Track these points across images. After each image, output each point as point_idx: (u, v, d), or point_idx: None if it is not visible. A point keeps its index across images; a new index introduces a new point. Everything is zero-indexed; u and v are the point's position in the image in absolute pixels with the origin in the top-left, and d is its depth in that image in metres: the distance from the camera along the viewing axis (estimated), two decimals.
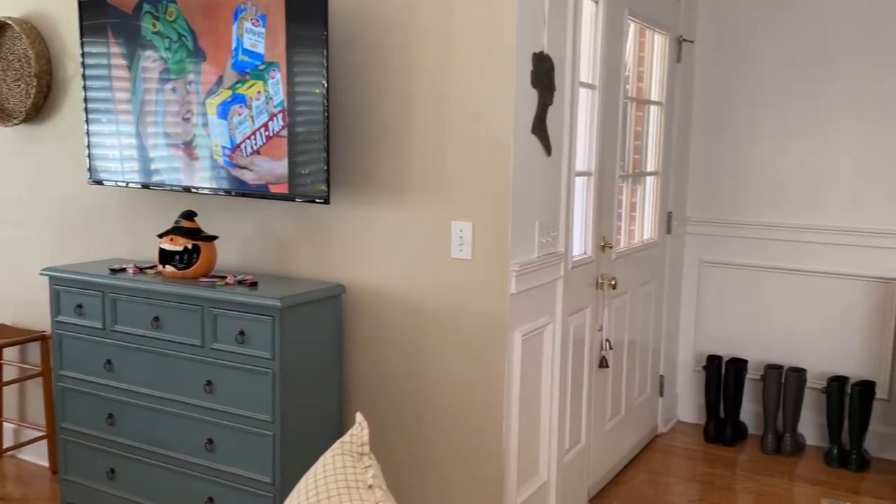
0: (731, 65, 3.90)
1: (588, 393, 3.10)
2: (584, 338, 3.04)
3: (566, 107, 2.70)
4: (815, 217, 3.78)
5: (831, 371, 3.78)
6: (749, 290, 3.96)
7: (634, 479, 3.47)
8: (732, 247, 3.98)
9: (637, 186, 3.64)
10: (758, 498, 3.32)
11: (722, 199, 3.99)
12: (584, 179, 3.00)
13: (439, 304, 2.56)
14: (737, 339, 4.00)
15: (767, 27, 3.80)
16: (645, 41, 3.50)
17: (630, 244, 3.52)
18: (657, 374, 3.91)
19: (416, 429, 2.65)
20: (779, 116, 3.82)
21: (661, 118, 3.64)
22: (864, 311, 3.71)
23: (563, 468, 2.90)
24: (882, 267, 3.64)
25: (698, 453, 3.78)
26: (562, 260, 2.76)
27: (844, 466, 3.60)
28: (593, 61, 2.93)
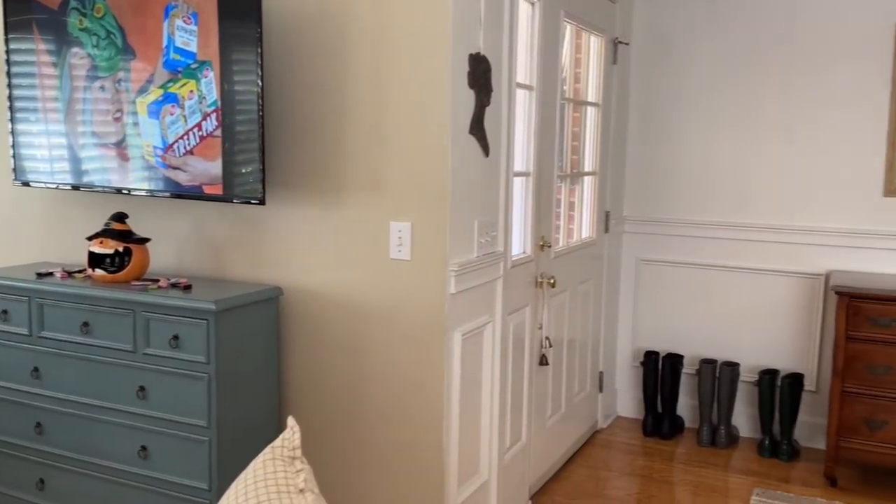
0: (665, 67, 3.99)
1: (528, 391, 3.13)
2: (524, 336, 3.07)
3: (504, 107, 2.72)
4: (746, 215, 3.89)
5: (763, 365, 3.89)
6: (684, 287, 4.05)
7: (575, 475, 3.52)
8: (668, 245, 4.07)
9: (575, 186, 3.69)
10: (694, 490, 3.41)
11: (658, 198, 4.08)
12: (523, 179, 3.03)
13: (379, 304, 2.55)
14: (673, 335, 4.09)
15: (699, 31, 3.90)
16: (581, 43, 3.55)
17: (569, 243, 3.57)
18: (597, 370, 3.97)
19: (357, 430, 2.63)
20: (710, 118, 3.92)
21: (598, 119, 3.70)
22: (793, 307, 3.83)
23: (504, 466, 2.92)
24: (810, 263, 3.77)
25: (637, 447, 3.86)
26: (501, 259, 2.78)
27: (776, 456, 3.72)
28: (530, 63, 2.95)
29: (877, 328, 3.25)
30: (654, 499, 3.32)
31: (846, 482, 3.45)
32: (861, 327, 3.28)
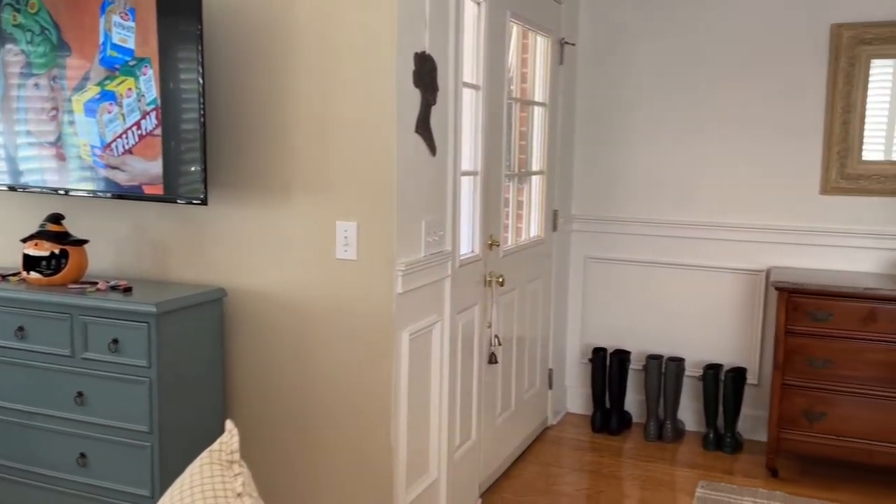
0: (611, 68, 4.04)
1: (478, 389, 3.14)
2: (473, 335, 3.08)
3: (450, 107, 2.72)
4: (690, 214, 3.97)
5: (707, 359, 3.98)
6: (631, 284, 4.11)
7: (525, 472, 3.55)
8: (616, 243, 4.13)
9: (523, 185, 3.71)
10: (642, 484, 3.46)
11: (605, 197, 4.13)
12: (471, 179, 3.03)
13: (325, 305, 2.52)
14: (621, 332, 4.15)
15: (644, 32, 3.96)
16: (528, 43, 3.58)
17: (517, 242, 3.59)
18: (546, 367, 4.01)
19: (304, 432, 2.60)
20: (655, 118, 3.99)
21: (546, 119, 3.72)
22: (736, 302, 3.92)
23: (453, 465, 2.92)
24: (751, 260, 3.87)
25: (586, 443, 3.90)
26: (449, 259, 2.78)
27: (720, 449, 3.80)
28: (477, 62, 2.96)
29: (815, 322, 3.35)
30: (603, 494, 3.36)
31: (787, 473, 3.54)
32: (800, 322, 3.38)
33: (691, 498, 3.29)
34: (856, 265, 3.68)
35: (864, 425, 3.31)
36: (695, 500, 3.26)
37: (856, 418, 3.32)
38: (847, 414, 3.33)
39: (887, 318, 3.25)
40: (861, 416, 3.31)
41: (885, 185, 3.62)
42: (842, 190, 3.69)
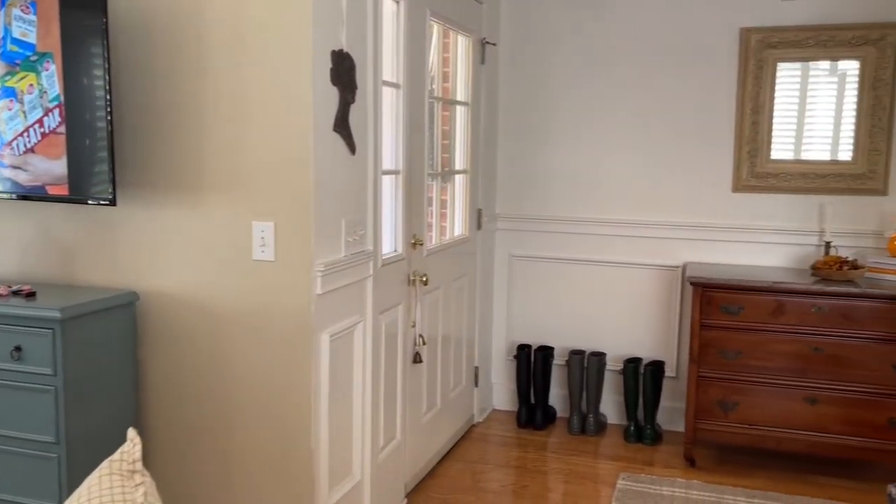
0: (533, 68, 4.09)
1: (402, 389, 3.13)
2: (397, 335, 3.07)
3: (370, 105, 2.70)
4: (610, 211, 4.05)
5: (628, 354, 4.07)
6: (555, 282, 4.18)
7: (451, 470, 3.56)
8: (539, 241, 4.18)
9: (447, 184, 3.72)
10: (566, 477, 3.52)
11: (528, 195, 4.18)
12: (392, 178, 3.02)
13: (243, 307, 2.47)
14: (545, 328, 4.21)
15: (564, 33, 4.03)
16: (449, 42, 3.59)
17: (442, 241, 3.60)
18: (472, 365, 4.03)
19: (222, 437, 2.54)
20: (575, 118, 4.06)
21: (468, 118, 3.74)
22: (654, 297, 4.03)
23: (377, 466, 2.91)
24: (668, 256, 3.98)
25: (512, 439, 3.94)
26: (371, 258, 2.76)
27: (641, 441, 3.90)
28: (396, 61, 2.95)
29: (728, 316, 3.47)
30: (528, 489, 3.40)
31: (704, 462, 3.66)
32: (714, 315, 3.49)
33: (613, 490, 3.36)
34: (766, 260, 3.83)
35: (772, 413, 3.45)
36: (616, 491, 3.33)
37: (765, 407, 3.45)
38: (757, 403, 3.46)
39: (794, 311, 3.39)
40: (770, 405, 3.45)
41: (791, 183, 3.78)
42: (752, 188, 3.83)
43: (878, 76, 3.60)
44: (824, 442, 3.41)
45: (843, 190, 3.71)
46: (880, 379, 3.31)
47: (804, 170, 3.76)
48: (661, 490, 3.34)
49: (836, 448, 3.40)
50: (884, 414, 3.32)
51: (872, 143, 3.64)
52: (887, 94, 3.59)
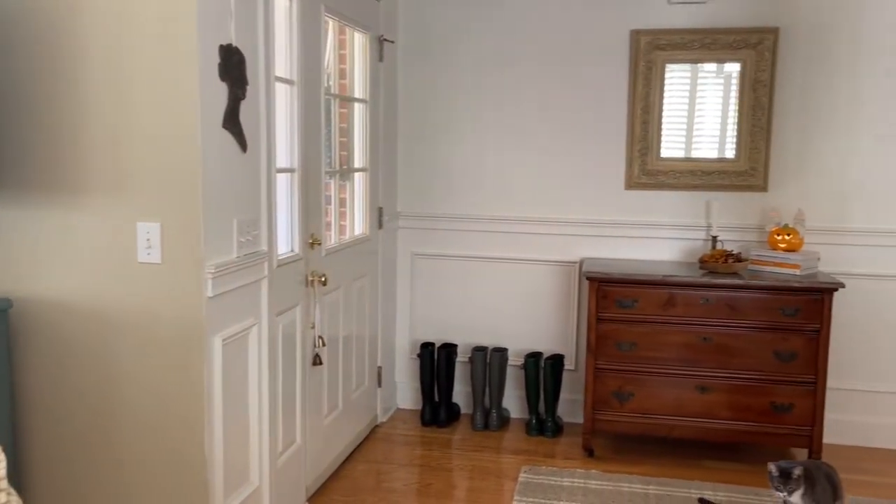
0: (432, 66, 4.10)
1: (302, 391, 3.07)
2: (296, 336, 3.01)
3: (262, 101, 2.63)
4: (509, 209, 4.11)
5: (528, 348, 4.14)
6: (457, 279, 4.20)
7: (354, 471, 3.52)
8: (441, 239, 4.20)
9: (346, 182, 3.68)
10: (470, 473, 3.54)
11: (429, 193, 4.19)
12: (288, 176, 2.96)
13: (128, 312, 2.36)
14: (448, 326, 4.23)
15: (462, 32, 4.05)
16: (346, 39, 3.54)
17: (341, 240, 3.55)
18: (375, 365, 4.00)
19: (112, 448, 2.43)
20: (474, 116, 4.09)
21: (367, 116, 3.71)
22: (553, 293, 4.11)
23: (276, 470, 2.84)
24: (566, 252, 4.06)
25: (416, 438, 3.94)
26: (265, 259, 2.69)
27: (542, 434, 3.97)
28: (290, 56, 2.89)
29: (622, 309, 3.57)
30: (432, 486, 3.40)
31: (602, 452, 3.76)
32: (609, 309, 3.59)
33: (515, 484, 3.40)
34: (658, 254, 3.97)
35: (665, 402, 3.58)
36: (518, 485, 3.38)
37: (658, 396, 3.58)
38: (651, 393, 3.58)
39: (684, 303, 3.53)
40: (662, 394, 3.58)
41: (680, 181, 3.93)
42: (643, 185, 3.96)
43: (758, 78, 3.78)
44: (713, 428, 3.56)
45: (728, 187, 3.89)
46: (763, 365, 3.49)
47: (692, 167, 3.92)
48: (562, 481, 3.41)
49: (724, 433, 3.56)
50: (766, 399, 3.50)
51: (753, 142, 3.83)
52: (766, 95, 3.78)
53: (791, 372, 3.46)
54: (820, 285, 3.41)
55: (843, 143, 3.77)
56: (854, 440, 3.86)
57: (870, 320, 3.82)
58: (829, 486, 2.76)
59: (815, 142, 3.79)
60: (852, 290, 3.68)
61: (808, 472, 2.72)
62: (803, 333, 3.44)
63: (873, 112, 3.73)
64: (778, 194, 3.84)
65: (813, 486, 2.71)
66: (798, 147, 3.81)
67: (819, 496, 2.71)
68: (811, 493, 2.70)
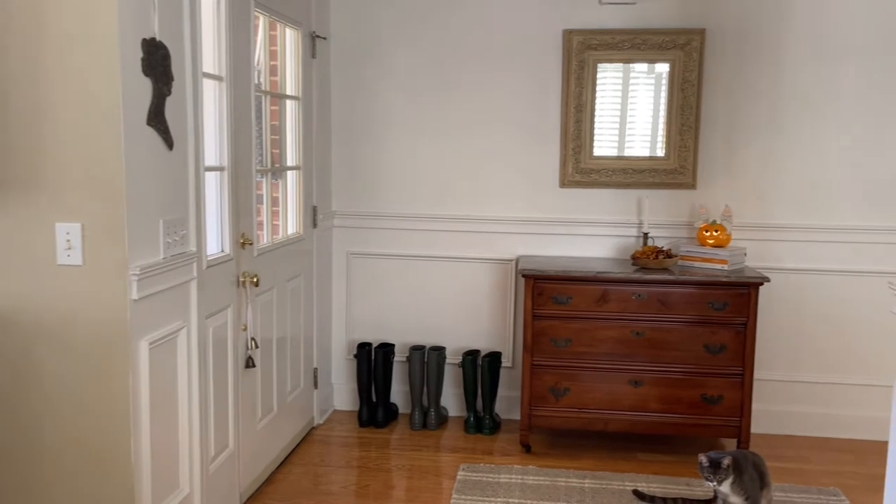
0: (367, 65, 4.06)
1: (234, 395, 3.00)
2: (227, 339, 2.94)
3: (189, 98, 2.56)
4: (446, 207, 4.10)
5: (466, 346, 4.14)
6: (394, 278, 4.17)
7: (291, 475, 3.46)
8: (377, 238, 4.16)
9: (278, 181, 3.61)
10: (408, 473, 3.52)
11: (365, 192, 4.15)
12: (217, 174, 2.88)
13: (47, 317, 2.26)
14: (385, 325, 4.20)
15: (396, 30, 4.02)
16: (277, 35, 3.48)
17: (274, 240, 3.48)
18: (311, 367, 3.94)
19: (32, 458, 2.32)
20: (411, 114, 4.07)
21: (299, 113, 3.65)
22: (490, 290, 4.12)
23: (208, 477, 2.77)
24: (502, 250, 4.08)
25: (353, 439, 3.90)
26: (194, 259, 2.62)
27: (480, 431, 3.98)
28: (218, 52, 2.82)
29: (558, 306, 3.61)
30: (369, 488, 3.37)
31: (539, 447, 3.79)
32: (545, 306, 3.62)
33: (454, 482, 3.40)
34: (592, 251, 4.02)
35: (600, 397, 3.63)
36: (456, 483, 3.38)
37: (593, 391, 3.63)
38: (586, 388, 3.63)
39: (617, 299, 3.58)
40: (597, 389, 3.63)
41: (612, 179, 3.99)
42: (577, 183, 4.01)
43: (686, 78, 3.87)
44: (647, 421, 3.63)
45: (658, 184, 3.97)
46: (694, 359, 3.57)
47: (624, 166, 3.98)
48: (499, 478, 3.42)
49: (657, 426, 3.64)
50: (697, 391, 3.58)
51: (682, 141, 3.92)
52: (694, 95, 3.87)
53: (720, 364, 3.56)
54: (746, 280, 3.51)
55: (767, 142, 3.89)
56: (779, 429, 3.99)
57: (793, 313, 3.95)
58: (757, 474, 2.85)
59: (741, 141, 3.91)
60: (777, 284, 3.81)
61: (737, 461, 2.79)
62: (731, 327, 3.54)
63: (794, 112, 3.86)
64: (706, 192, 3.94)
65: (741, 475, 2.79)
66: (725, 146, 3.92)
67: (747, 484, 2.79)
68: (740, 481, 2.78)
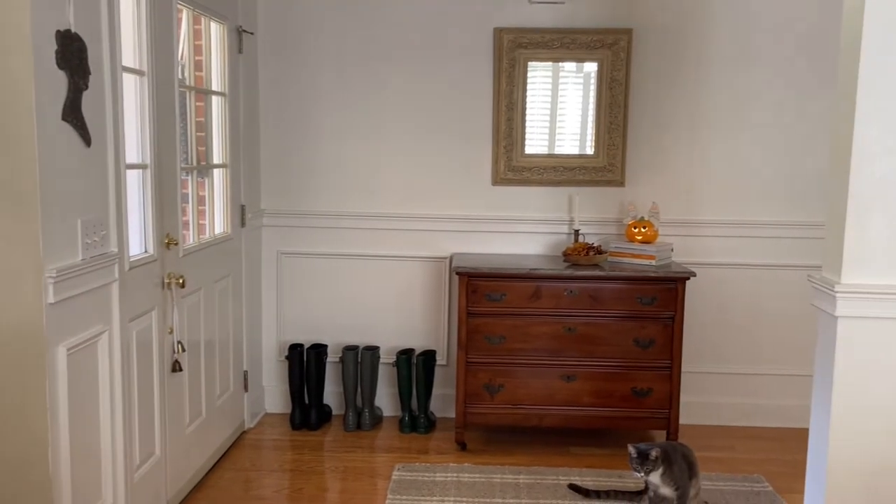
0: (296, 61, 3.99)
1: (161, 400, 2.90)
2: (152, 343, 2.84)
3: (108, 92, 2.46)
4: (378, 206, 4.07)
5: (400, 345, 4.12)
6: (326, 278, 4.11)
7: (221, 480, 3.38)
8: (308, 237, 4.10)
9: (205, 179, 3.52)
10: (342, 475, 3.47)
11: (296, 190, 4.08)
12: (139, 172, 2.78)
13: None
14: (318, 326, 4.14)
15: (323, 26, 3.96)
16: (201, 29, 3.38)
17: (200, 240, 3.39)
18: (241, 369, 3.85)
19: None
20: (341, 112, 4.01)
21: (226, 109, 3.56)
22: (424, 289, 4.11)
23: (133, 485, 2.67)
24: (436, 248, 4.07)
25: (286, 442, 3.83)
26: (116, 261, 2.52)
27: (415, 431, 3.96)
28: (139, 45, 2.72)
29: (492, 303, 3.62)
30: (303, 491, 3.31)
31: (474, 444, 3.80)
32: (479, 303, 3.63)
33: (389, 482, 3.37)
34: (524, 248, 4.05)
35: (534, 393, 3.66)
36: (391, 483, 3.35)
37: (527, 386, 3.66)
38: (520, 384, 3.65)
39: (549, 295, 3.62)
40: (532, 385, 3.66)
41: (544, 176, 4.03)
42: (509, 181, 4.03)
43: (614, 77, 3.94)
44: (580, 415, 3.68)
45: (588, 182, 4.02)
46: (624, 353, 3.64)
47: (555, 164, 4.02)
48: (435, 477, 3.41)
49: (589, 419, 3.69)
50: (628, 384, 3.65)
51: (611, 139, 3.99)
52: (622, 94, 3.94)
53: (649, 358, 3.63)
54: (674, 275, 3.60)
55: (693, 140, 3.99)
56: (707, 420, 4.11)
57: (719, 307, 4.07)
58: (686, 464, 2.91)
59: (667, 139, 4.00)
60: (703, 279, 3.91)
61: (666, 452, 2.85)
62: (660, 321, 3.61)
63: (718, 111, 3.97)
64: (634, 189, 4.02)
65: (671, 466, 2.85)
66: (652, 144, 4.00)
67: (676, 475, 2.85)
68: (669, 472, 2.84)
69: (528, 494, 3.25)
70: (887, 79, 2.11)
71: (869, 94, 2.11)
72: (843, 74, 2.20)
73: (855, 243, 2.16)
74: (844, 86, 2.19)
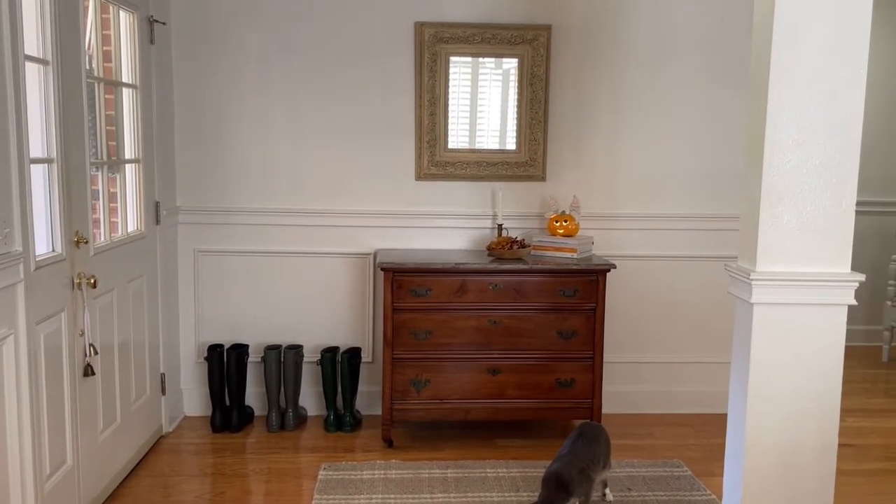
0: (210, 51, 3.86)
1: (72, 406, 2.77)
2: (62, 346, 2.70)
3: (8, 82, 2.32)
4: (300, 202, 3.99)
5: (325, 343, 4.05)
6: (246, 276, 4.01)
7: (138, 487, 3.24)
8: (227, 234, 3.98)
9: (116, 175, 3.37)
10: (266, 477, 3.39)
11: (213, 187, 3.95)
12: (45, 167, 2.64)
13: None
14: (238, 326, 4.03)
15: (240, 17, 3.85)
16: (110, 18, 3.23)
17: (112, 238, 3.24)
18: (157, 372, 3.71)
19: None
20: (261, 107, 3.92)
21: (137, 102, 3.42)
22: (348, 285, 4.06)
23: (43, 496, 2.53)
24: (360, 244, 4.03)
25: (206, 446, 3.71)
26: (20, 261, 2.38)
27: (341, 429, 3.91)
28: (42, 33, 2.57)
29: (417, 298, 3.60)
30: (225, 495, 3.22)
31: (401, 441, 3.78)
32: (404, 299, 3.60)
33: (315, 482, 3.31)
34: (449, 243, 4.05)
35: (460, 387, 3.67)
36: (318, 483, 3.29)
37: (454, 381, 3.66)
38: (446, 378, 3.65)
39: (474, 289, 3.63)
40: (458, 379, 3.66)
41: (467, 171, 4.04)
42: (433, 176, 4.02)
43: (535, 73, 3.98)
44: (506, 407, 3.71)
45: (510, 177, 4.06)
46: (548, 345, 3.68)
47: (478, 159, 4.04)
48: (362, 475, 3.37)
49: (515, 412, 3.72)
50: (552, 376, 3.70)
51: (532, 134, 4.03)
52: (542, 89, 3.99)
53: (572, 349, 3.69)
54: (594, 267, 3.66)
55: (611, 135, 4.08)
56: (628, 408, 4.21)
57: (638, 298, 4.17)
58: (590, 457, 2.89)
59: (586, 134, 4.07)
60: (623, 271, 4.00)
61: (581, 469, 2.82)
62: (582, 312, 3.68)
63: (636, 107, 4.06)
64: (555, 183, 4.08)
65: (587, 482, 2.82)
66: (572, 139, 4.07)
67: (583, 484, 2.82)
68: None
69: (456, 488, 3.26)
70: (796, 74, 2.20)
71: (780, 90, 2.20)
72: (756, 70, 2.28)
73: (768, 232, 2.24)
74: (757, 81, 2.27)
